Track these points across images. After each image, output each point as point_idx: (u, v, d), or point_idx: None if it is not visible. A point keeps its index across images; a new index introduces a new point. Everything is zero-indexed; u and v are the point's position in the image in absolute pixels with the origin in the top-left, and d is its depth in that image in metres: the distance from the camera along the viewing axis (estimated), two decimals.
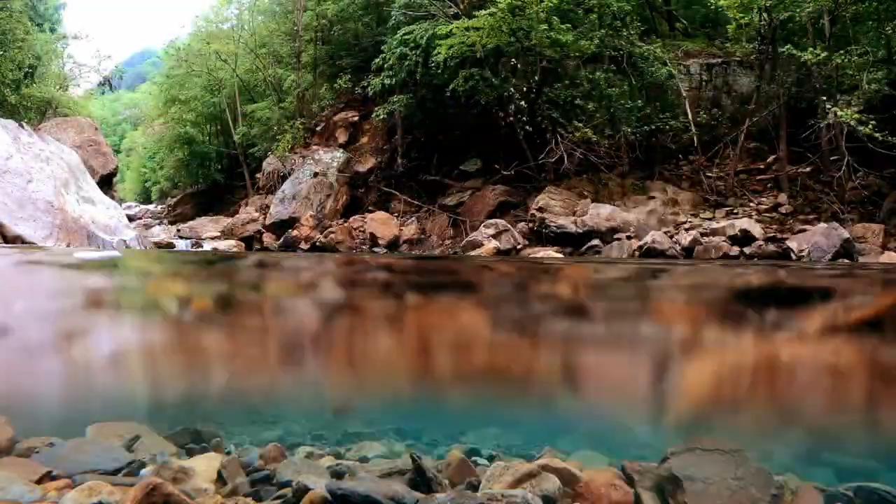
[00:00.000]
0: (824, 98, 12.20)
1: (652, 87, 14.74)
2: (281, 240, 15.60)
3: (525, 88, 14.03)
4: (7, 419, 3.29)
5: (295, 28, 20.99)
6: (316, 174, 17.26)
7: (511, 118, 14.05)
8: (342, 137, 18.70)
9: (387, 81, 15.45)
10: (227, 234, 17.42)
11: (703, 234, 11.73)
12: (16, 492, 2.25)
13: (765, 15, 13.74)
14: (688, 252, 11.35)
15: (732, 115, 14.79)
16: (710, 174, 14.06)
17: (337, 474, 3.17)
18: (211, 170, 29.50)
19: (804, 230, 11.24)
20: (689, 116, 13.89)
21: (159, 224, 24.30)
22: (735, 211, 12.91)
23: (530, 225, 13.23)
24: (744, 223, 11.63)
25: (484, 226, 13.27)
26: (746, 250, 11.12)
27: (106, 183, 19.22)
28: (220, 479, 2.94)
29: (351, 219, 16.00)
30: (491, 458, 3.74)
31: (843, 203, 12.25)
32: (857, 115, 11.16)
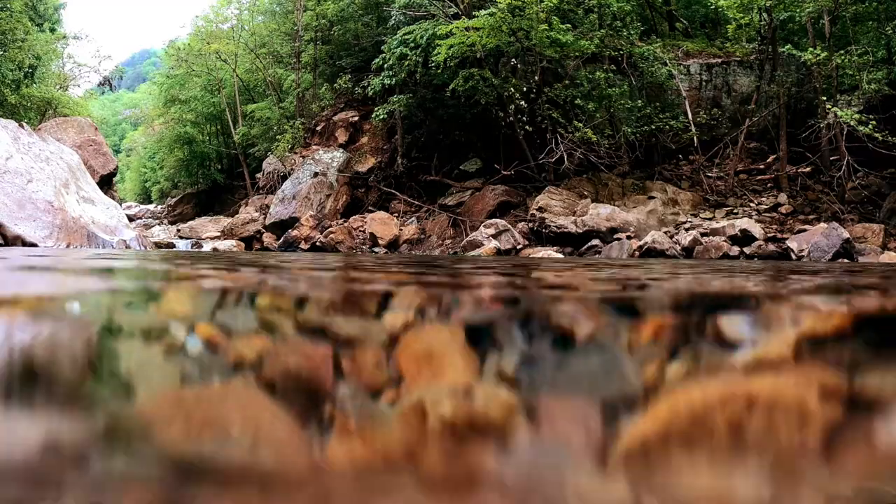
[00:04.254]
0: (824, 98, 12.21)
1: (652, 87, 14.75)
2: (281, 240, 15.60)
3: (525, 88, 14.03)
4: None
5: (295, 28, 21.00)
6: (316, 174, 17.26)
7: (511, 118, 14.06)
8: (342, 137, 18.71)
9: (387, 81, 15.46)
10: (227, 234, 17.42)
11: (703, 234, 11.74)
12: None
13: (765, 15, 13.75)
14: (688, 252, 11.35)
15: (732, 115, 14.81)
16: (710, 174, 14.07)
17: None
18: (211, 170, 29.55)
19: (804, 230, 11.25)
20: (689, 116, 13.90)
21: (159, 224, 24.33)
22: (735, 211, 12.92)
23: (530, 225, 13.23)
24: (744, 223, 11.64)
25: (484, 226, 13.28)
26: (746, 250, 11.12)
27: (106, 183, 19.21)
28: None
29: (351, 219, 16.01)
30: None
31: (843, 203, 12.26)
32: (857, 115, 11.17)
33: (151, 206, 33.57)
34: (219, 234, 17.80)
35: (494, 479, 0.62)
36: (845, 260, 9.92)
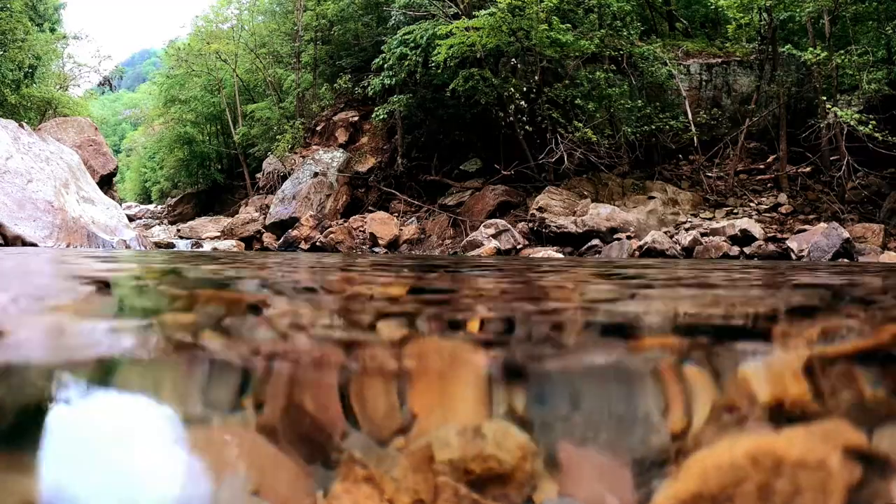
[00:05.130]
0: (824, 98, 12.21)
1: (652, 87, 14.74)
2: (281, 240, 15.60)
3: (525, 88, 14.03)
4: None
5: (295, 28, 21.00)
6: (316, 174, 17.26)
7: (511, 118, 14.06)
8: (342, 137, 18.71)
9: (387, 81, 15.45)
10: (227, 234, 17.42)
11: (703, 234, 11.74)
12: None
13: (765, 15, 13.75)
14: (688, 252, 11.35)
15: (732, 115, 14.80)
16: (710, 174, 14.07)
17: None
18: (211, 170, 29.54)
19: (804, 230, 11.25)
20: (689, 116, 13.90)
21: (159, 224, 24.33)
22: (735, 211, 12.92)
23: (530, 225, 13.23)
24: (744, 223, 11.64)
25: (484, 226, 13.28)
26: (746, 250, 11.12)
27: (106, 183, 19.22)
28: None
29: (351, 219, 16.01)
30: None
31: (843, 203, 12.26)
32: (857, 115, 11.16)
33: (151, 206, 33.57)
34: (219, 234, 17.80)
35: None
36: (845, 260, 9.92)
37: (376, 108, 16.35)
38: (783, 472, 0.80)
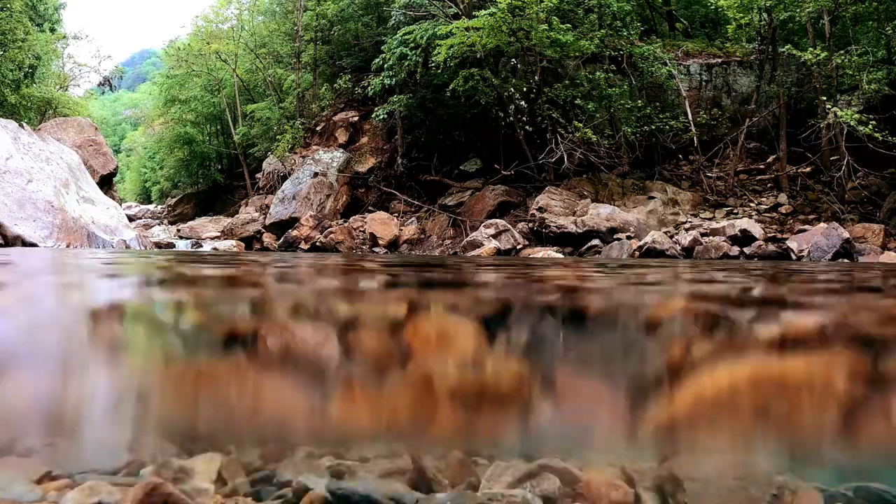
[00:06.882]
0: (824, 98, 12.21)
1: (652, 87, 14.74)
2: (281, 240, 15.60)
3: (525, 88, 14.03)
4: None
5: (295, 28, 20.99)
6: (316, 174, 17.26)
7: (511, 118, 14.06)
8: (342, 137, 18.70)
9: (387, 81, 15.45)
10: (227, 234, 17.42)
11: (703, 234, 11.74)
12: (16, 491, 2.24)
13: (765, 15, 13.75)
14: (688, 252, 11.35)
15: (732, 115, 14.80)
16: (710, 174, 14.06)
17: (337, 474, 3.17)
18: (211, 170, 29.55)
19: (804, 230, 11.25)
20: (689, 116, 13.90)
21: (159, 224, 24.33)
22: (735, 211, 12.92)
23: (530, 225, 13.23)
24: (744, 223, 11.64)
25: (484, 226, 13.28)
26: (746, 250, 11.12)
27: (106, 183, 19.20)
28: (220, 479, 2.94)
29: (351, 219, 16.00)
30: (491, 458, 3.74)
31: (843, 203, 12.25)
32: (857, 116, 11.17)
33: (151, 206, 33.56)
34: (219, 234, 17.80)
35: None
36: (845, 260, 9.92)
37: (376, 108, 16.35)
38: None
